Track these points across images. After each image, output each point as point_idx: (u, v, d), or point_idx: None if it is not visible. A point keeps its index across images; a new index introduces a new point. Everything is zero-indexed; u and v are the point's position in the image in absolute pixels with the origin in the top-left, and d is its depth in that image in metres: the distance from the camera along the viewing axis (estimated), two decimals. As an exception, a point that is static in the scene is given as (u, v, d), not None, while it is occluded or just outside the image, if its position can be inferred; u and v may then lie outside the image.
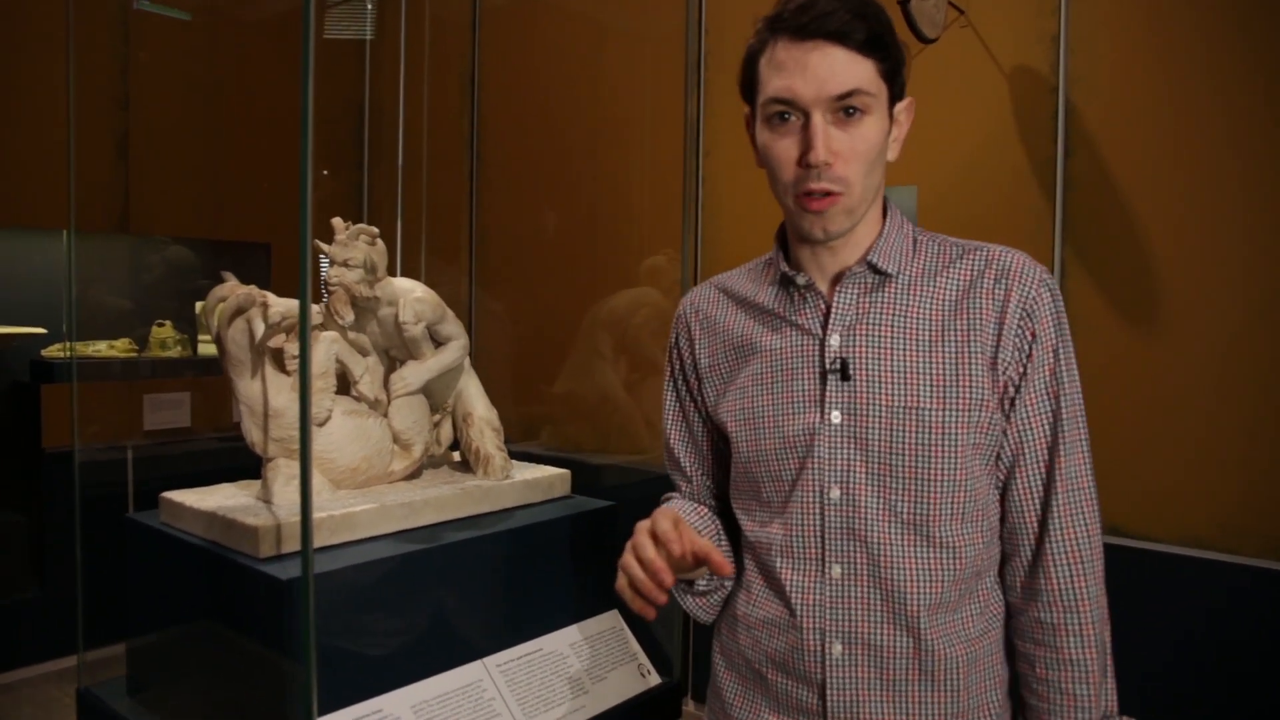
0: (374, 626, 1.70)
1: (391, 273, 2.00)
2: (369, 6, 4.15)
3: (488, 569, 1.88)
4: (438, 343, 2.02)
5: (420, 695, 1.67)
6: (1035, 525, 1.19)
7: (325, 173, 4.24)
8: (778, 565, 1.24)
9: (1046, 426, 1.18)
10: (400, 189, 4.08)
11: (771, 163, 1.19)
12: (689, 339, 1.40)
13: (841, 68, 1.12)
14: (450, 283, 4.09)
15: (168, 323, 3.80)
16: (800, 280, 1.23)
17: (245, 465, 1.94)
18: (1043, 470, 1.18)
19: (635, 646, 2.01)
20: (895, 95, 1.18)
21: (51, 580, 3.51)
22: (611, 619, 2.03)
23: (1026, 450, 1.18)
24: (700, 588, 1.33)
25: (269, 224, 3.67)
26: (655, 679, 1.97)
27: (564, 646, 1.92)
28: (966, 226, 2.65)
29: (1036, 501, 1.19)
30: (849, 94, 1.12)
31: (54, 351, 3.61)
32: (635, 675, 1.95)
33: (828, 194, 1.15)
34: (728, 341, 1.33)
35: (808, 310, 1.24)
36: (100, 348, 3.68)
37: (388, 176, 4.16)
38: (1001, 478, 1.21)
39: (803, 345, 1.23)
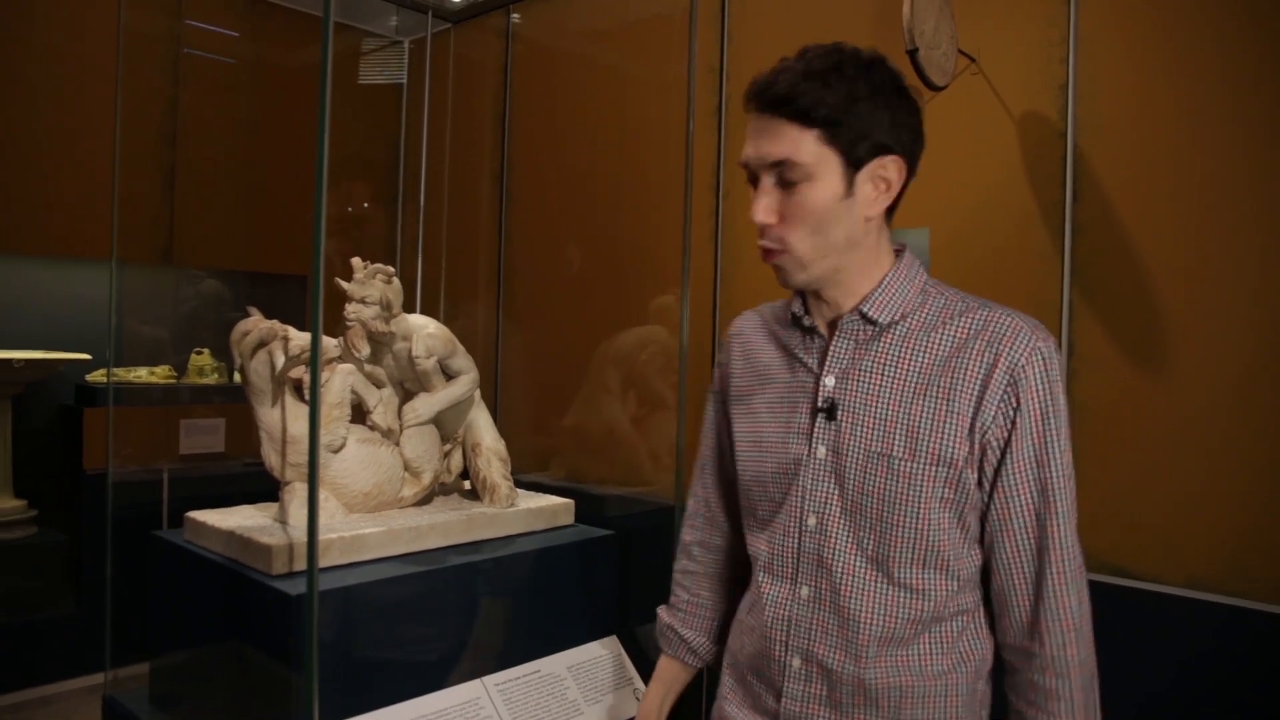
0: (378, 643, 1.79)
1: (412, 308, 2.11)
2: (404, 53, 4.31)
3: (490, 592, 1.97)
4: (449, 376, 2.12)
5: (420, 710, 1.76)
6: (1028, 591, 1.21)
7: (366, 205, 4.39)
8: (761, 578, 1.34)
9: (1034, 493, 1.19)
10: (421, 226, 4.22)
11: None
12: (728, 358, 1.49)
13: (777, 138, 1.19)
14: (468, 317, 4.21)
15: (206, 350, 3.95)
16: (805, 322, 1.31)
17: (273, 489, 2.05)
18: (1031, 537, 1.20)
19: (632, 671, 2.08)
20: (859, 158, 1.20)
21: (89, 597, 3.63)
22: (610, 644, 2.11)
23: (1013, 516, 1.20)
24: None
25: (305, 258, 3.79)
26: (650, 703, 2.03)
27: (561, 669, 1.99)
28: (976, 267, 2.70)
29: (1027, 568, 1.21)
30: (779, 163, 1.19)
31: (97, 377, 3.77)
32: (630, 699, 2.01)
33: (770, 251, 1.25)
34: (755, 367, 1.42)
35: (812, 349, 1.31)
36: (141, 374, 3.84)
37: (427, 214, 4.30)
38: (986, 539, 1.24)
39: (804, 382, 1.31)
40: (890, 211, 1.28)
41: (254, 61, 4.11)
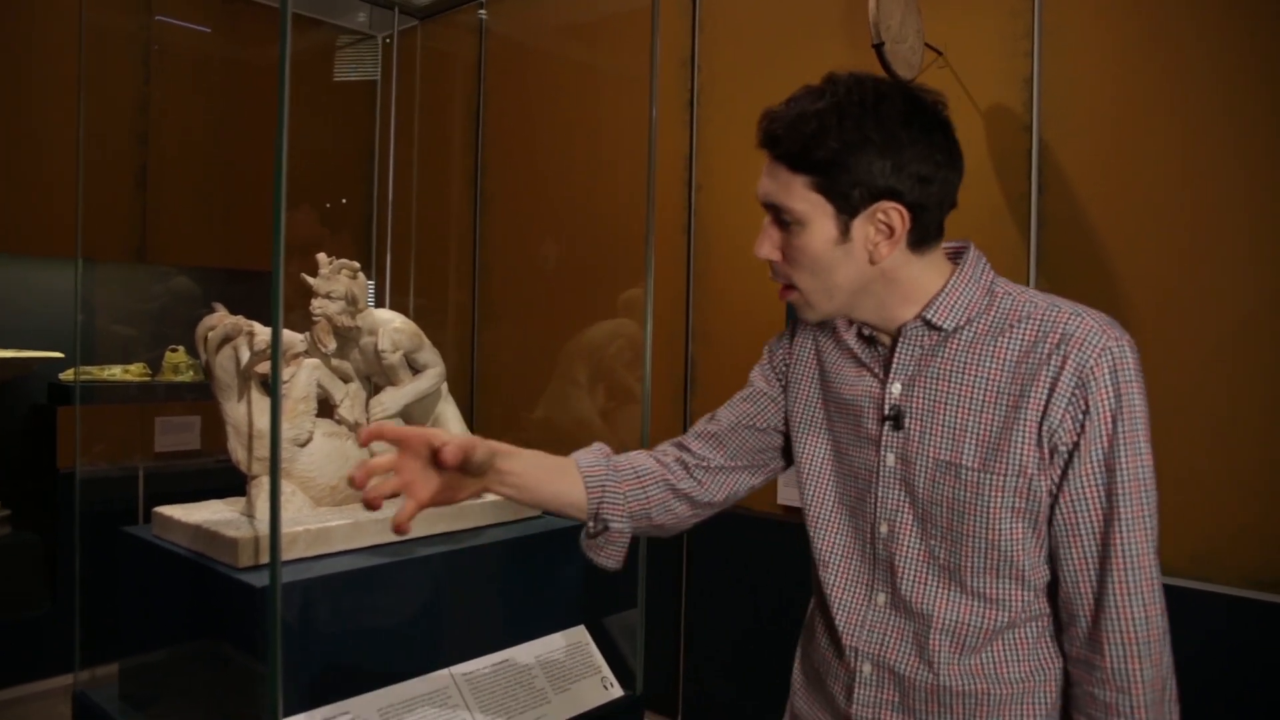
0: (345, 633, 1.81)
1: (380, 304, 2.13)
2: (378, 49, 4.31)
3: (457, 583, 1.98)
4: (416, 370, 2.14)
5: (387, 700, 1.78)
6: (1090, 600, 1.16)
7: (344, 201, 4.39)
8: (830, 581, 1.32)
9: (1101, 498, 1.14)
10: (389, 222, 4.23)
11: None
12: (791, 338, 1.45)
13: (773, 179, 1.19)
14: (442, 311, 4.22)
15: (181, 348, 3.95)
16: (865, 331, 1.28)
17: (245, 484, 2.06)
18: (1097, 544, 1.15)
19: (599, 660, 2.10)
20: (853, 206, 1.16)
21: (65, 596, 3.62)
22: (577, 634, 2.13)
23: (1080, 522, 1.16)
24: (590, 530, 1.41)
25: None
26: (617, 691, 2.06)
27: (529, 658, 2.01)
28: (942, 260, 2.74)
29: (1092, 576, 1.16)
30: (771, 207, 1.20)
31: (71, 375, 3.76)
32: (598, 687, 2.04)
33: (783, 287, 1.25)
34: (823, 364, 1.39)
35: (876, 356, 1.29)
36: (115, 371, 3.83)
37: (400, 210, 4.30)
38: (1052, 546, 1.19)
39: (871, 388, 1.28)
40: (925, 241, 1.21)
41: (226, 58, 4.11)
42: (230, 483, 2.19)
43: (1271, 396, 2.23)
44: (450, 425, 2.20)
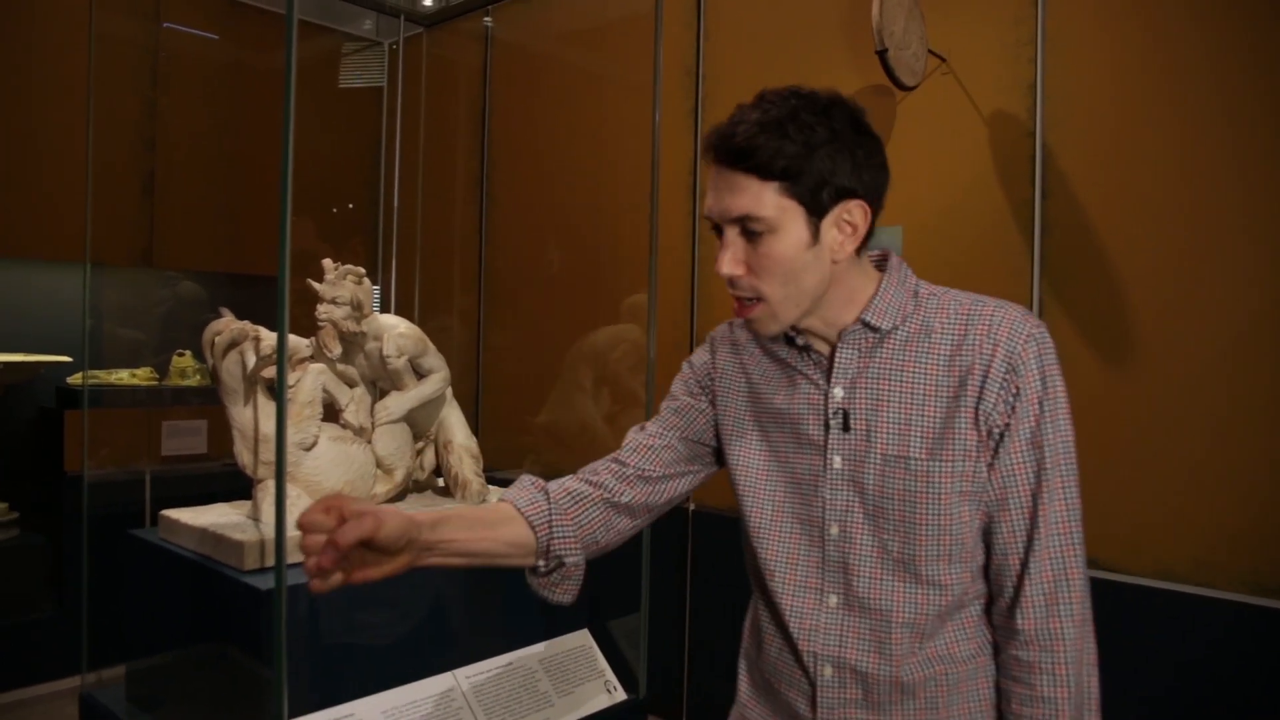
0: (350, 636, 1.82)
1: (385, 309, 2.14)
2: (385, 56, 4.34)
3: (461, 587, 1.99)
4: (421, 375, 2.15)
5: (392, 701, 1.79)
6: (1017, 567, 1.23)
7: (351, 207, 4.41)
8: (781, 590, 1.33)
9: (1030, 474, 1.22)
10: (395, 227, 4.24)
11: None
12: (715, 357, 1.47)
13: (738, 192, 1.20)
14: (447, 316, 4.24)
15: (188, 353, 3.97)
16: (799, 341, 1.32)
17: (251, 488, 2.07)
18: (1026, 516, 1.22)
19: (603, 664, 2.11)
20: (822, 206, 1.21)
21: (71, 599, 3.64)
22: (581, 637, 2.14)
23: (1010, 497, 1.23)
24: (541, 569, 1.40)
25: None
26: (620, 695, 2.06)
27: (533, 661, 2.02)
28: (948, 265, 2.74)
29: (1020, 545, 1.23)
30: (741, 218, 1.20)
31: (78, 379, 3.78)
32: (601, 690, 2.04)
33: (748, 301, 1.24)
34: (748, 375, 1.41)
35: (812, 363, 1.32)
36: (122, 376, 3.85)
37: (405, 216, 4.32)
38: (986, 522, 1.26)
39: (809, 394, 1.32)
40: (866, 242, 1.27)
41: (233, 64, 4.14)
42: (236, 486, 2.20)
43: (1274, 400, 2.23)
44: (454, 429, 2.22)
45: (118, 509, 3.42)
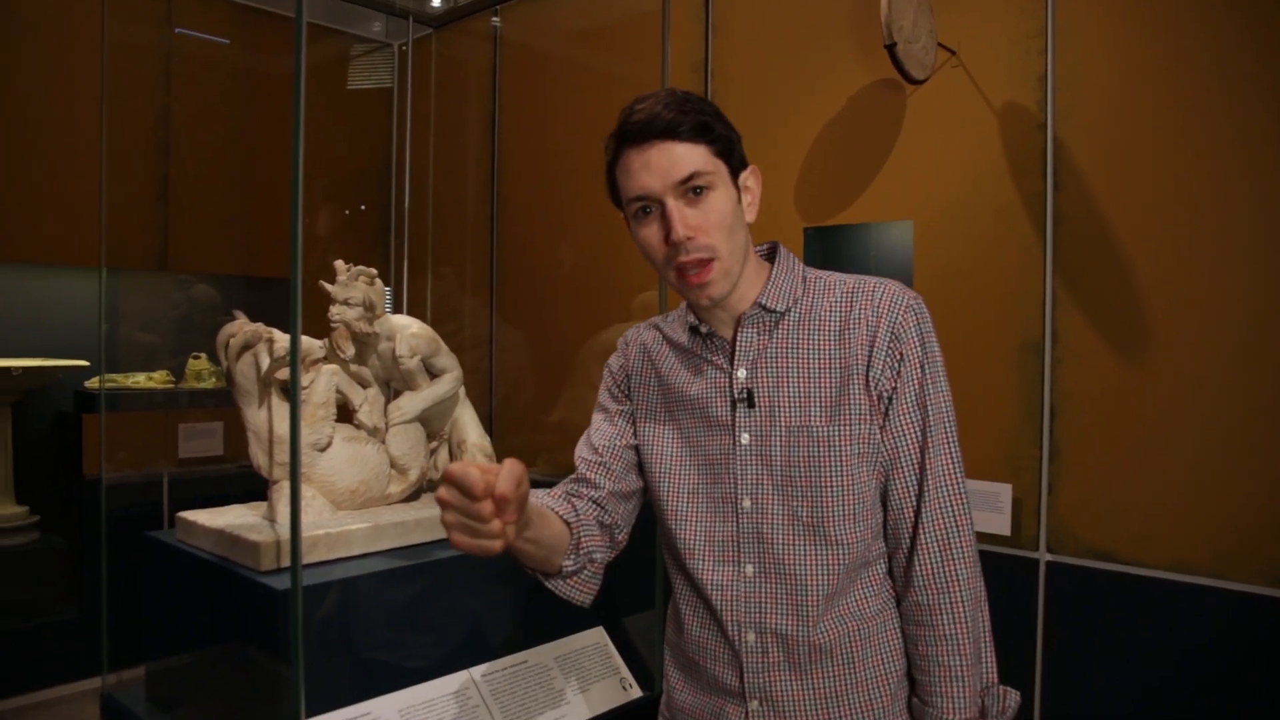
0: (365, 635, 1.83)
1: (398, 309, 2.15)
2: (394, 57, 4.35)
3: (475, 585, 2.00)
4: (434, 375, 2.16)
5: (408, 700, 1.80)
6: (911, 518, 1.34)
7: (362, 208, 4.43)
8: (699, 567, 1.41)
9: (917, 432, 1.33)
10: (406, 228, 4.26)
11: (646, 250, 1.36)
12: (630, 362, 1.54)
13: (679, 157, 1.28)
14: (460, 316, 4.25)
15: (204, 355, 4.00)
16: (704, 330, 1.42)
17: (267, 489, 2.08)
18: (915, 471, 1.34)
19: (618, 661, 2.11)
20: (735, 167, 1.34)
21: (91, 601, 3.67)
22: (596, 634, 2.14)
23: (901, 455, 1.34)
24: (567, 568, 1.43)
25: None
26: (636, 692, 2.07)
27: (548, 659, 2.03)
28: (959, 259, 2.73)
29: (912, 498, 1.34)
30: (690, 176, 1.28)
31: (96, 383, 3.81)
32: (617, 688, 2.05)
33: (702, 262, 1.31)
34: (658, 371, 1.50)
35: (716, 349, 1.41)
36: (139, 379, 3.89)
37: (416, 217, 4.33)
38: (881, 480, 1.36)
39: (715, 379, 1.40)
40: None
41: (244, 68, 4.16)
42: (252, 487, 2.22)
43: (1290, 392, 2.22)
44: (468, 429, 2.23)
45: (136, 511, 3.45)
